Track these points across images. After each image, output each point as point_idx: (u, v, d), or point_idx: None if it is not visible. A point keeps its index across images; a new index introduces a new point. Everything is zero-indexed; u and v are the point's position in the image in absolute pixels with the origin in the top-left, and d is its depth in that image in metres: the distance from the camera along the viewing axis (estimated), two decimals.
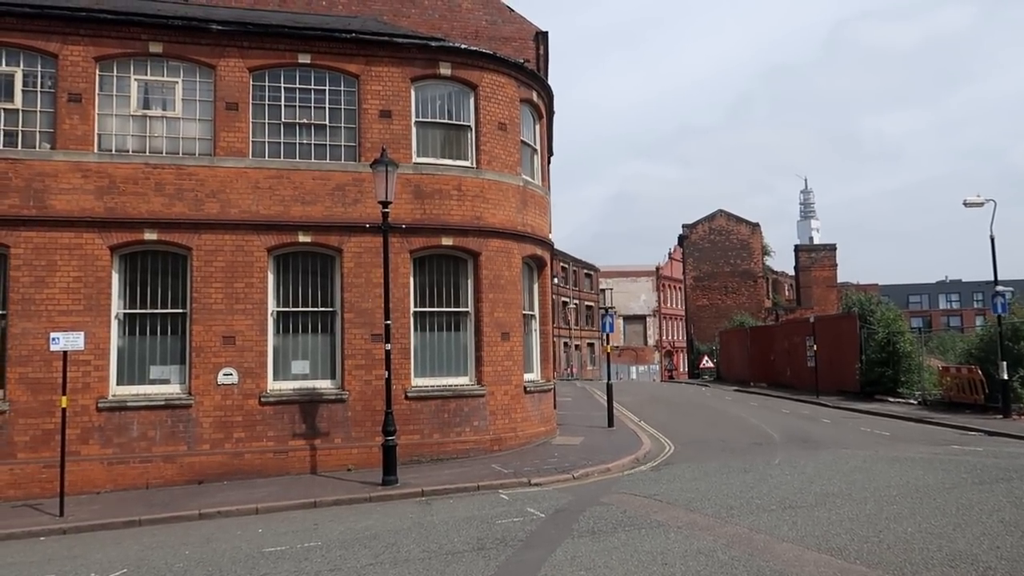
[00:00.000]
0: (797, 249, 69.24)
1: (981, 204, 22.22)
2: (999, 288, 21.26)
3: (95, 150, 14.03)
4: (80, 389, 13.34)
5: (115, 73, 14.33)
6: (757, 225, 70.26)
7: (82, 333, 11.93)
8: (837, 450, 15.41)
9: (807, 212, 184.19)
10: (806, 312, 52.71)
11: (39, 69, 13.97)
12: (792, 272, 71.32)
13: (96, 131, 14.11)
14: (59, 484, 11.59)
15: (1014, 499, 9.85)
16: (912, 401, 25.68)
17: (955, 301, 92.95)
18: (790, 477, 12.20)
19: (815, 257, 66.61)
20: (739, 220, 70.17)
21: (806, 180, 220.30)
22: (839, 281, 67.55)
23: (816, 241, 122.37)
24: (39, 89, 13.96)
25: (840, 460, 13.93)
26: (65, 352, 11.61)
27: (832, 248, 67.44)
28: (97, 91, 14.16)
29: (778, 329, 42.65)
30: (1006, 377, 20.32)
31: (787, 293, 79.14)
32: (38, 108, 13.93)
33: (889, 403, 26.01)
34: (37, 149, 13.81)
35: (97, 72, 14.16)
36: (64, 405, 11.64)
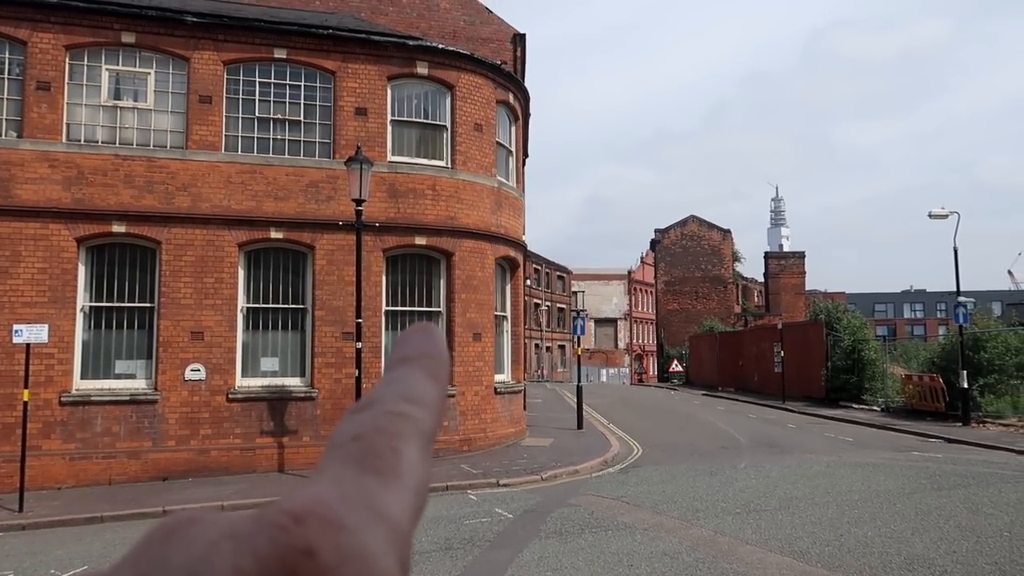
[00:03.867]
0: (767, 256, 70.09)
1: (946, 216, 22.67)
2: (961, 299, 21.70)
3: (63, 140, 13.80)
4: (43, 383, 13.10)
5: (86, 62, 14.11)
6: (728, 231, 71.03)
7: (46, 325, 11.73)
8: (802, 455, 15.64)
9: (777, 220, 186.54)
10: (774, 318, 53.35)
11: (7, 56, 13.70)
12: (762, 278, 72.18)
13: (65, 120, 13.88)
14: (19, 479, 11.35)
15: (971, 505, 10.09)
16: (876, 408, 26.13)
17: (919, 310, 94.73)
18: (755, 481, 12.37)
19: (784, 264, 67.48)
20: (711, 226, 70.87)
21: (777, 188, 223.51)
22: (807, 289, 68.51)
23: (786, 248, 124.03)
24: (6, 76, 13.69)
25: (804, 465, 14.15)
26: (28, 345, 11.40)
27: (801, 256, 68.37)
28: (67, 80, 13.92)
29: (747, 335, 43.12)
30: (966, 386, 20.75)
31: (756, 299, 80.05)
32: (5, 95, 13.66)
33: (853, 409, 26.43)
34: (3, 137, 13.54)
35: (67, 61, 13.93)
36: (26, 399, 11.43)
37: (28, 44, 13.67)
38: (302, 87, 15.29)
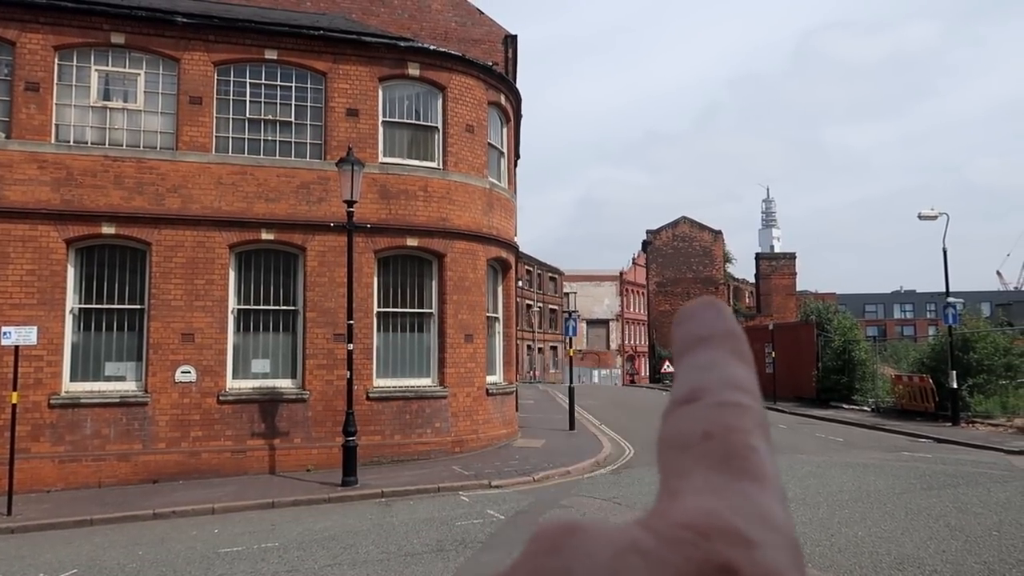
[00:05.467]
0: (758, 257, 70.30)
1: (935, 218, 22.80)
2: (950, 300, 21.82)
3: (52, 141, 13.72)
4: (32, 385, 13.01)
5: (75, 63, 14.03)
6: (719, 232, 71.25)
7: (35, 328, 11.65)
8: (793, 455, 15.69)
9: (768, 221, 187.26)
10: (766, 319, 53.50)
11: None
12: (753, 280, 72.38)
13: (54, 121, 13.80)
14: (7, 482, 11.28)
15: (960, 505, 10.15)
16: (866, 408, 26.25)
17: (909, 311, 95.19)
18: None
19: (775, 265, 67.68)
20: (702, 227, 71.08)
21: (768, 189, 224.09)
22: (798, 289, 68.72)
23: (777, 250, 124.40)
24: None
25: (795, 465, 14.19)
26: (17, 347, 11.33)
27: (792, 257, 68.61)
28: (56, 81, 13.85)
29: None
30: (955, 386, 20.86)
31: (747, 300, 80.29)
32: None
33: (844, 410, 26.55)
34: None
35: (56, 61, 13.85)
36: (15, 401, 11.36)
37: (16, 44, 13.59)
38: (293, 88, 15.25)
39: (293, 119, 15.18)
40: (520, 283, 54.55)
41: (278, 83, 15.16)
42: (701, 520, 0.30)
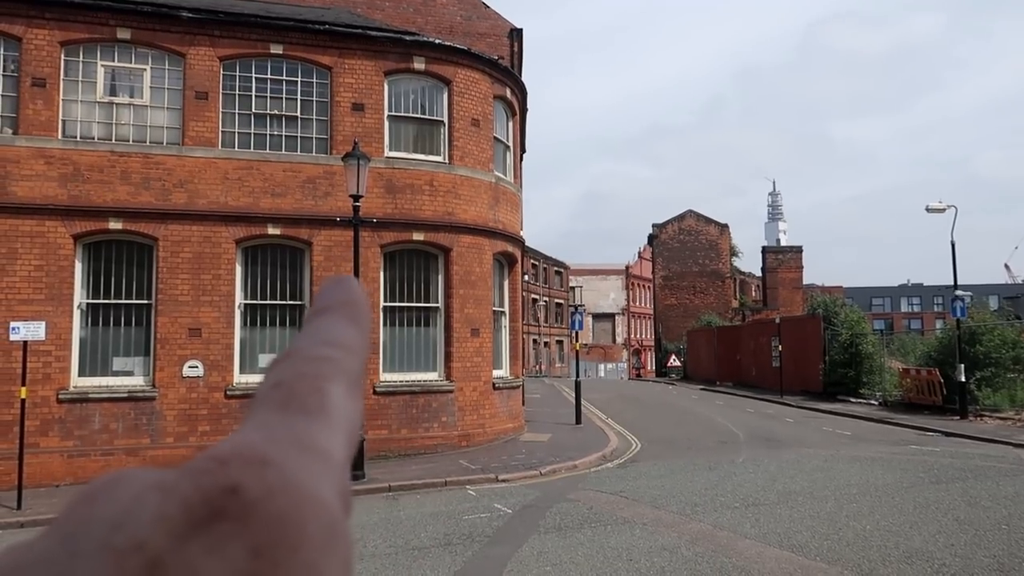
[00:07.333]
0: (764, 251, 70.01)
1: (943, 210, 22.69)
2: (958, 292, 21.70)
3: (59, 136, 13.75)
4: (40, 380, 13.07)
5: (81, 58, 14.05)
6: (726, 226, 71.03)
7: (43, 323, 11.69)
8: (799, 449, 15.66)
9: (775, 214, 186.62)
10: (772, 313, 53.33)
11: (2, 52, 13.64)
12: (759, 273, 72.15)
13: (60, 117, 13.83)
14: (17, 477, 11.34)
15: (969, 498, 10.12)
16: (873, 402, 26.17)
17: (916, 304, 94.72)
18: (753, 475, 12.39)
19: (782, 259, 67.41)
20: (708, 221, 70.87)
21: (774, 183, 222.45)
22: (805, 283, 68.46)
23: (783, 243, 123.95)
24: (1, 73, 13.63)
25: (802, 459, 14.17)
26: (25, 342, 11.37)
27: (799, 250, 68.34)
28: (62, 76, 13.87)
29: (744, 329, 43.16)
30: (963, 379, 20.78)
31: (754, 294, 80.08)
32: (0, 92, 13.61)
33: (851, 403, 26.47)
34: None
35: (62, 57, 13.87)
36: (23, 396, 11.40)
37: (23, 40, 13.61)
38: (299, 83, 15.24)
39: (299, 114, 15.17)
40: (526, 277, 54.54)
41: (284, 78, 15.16)
42: (228, 451, 0.30)
